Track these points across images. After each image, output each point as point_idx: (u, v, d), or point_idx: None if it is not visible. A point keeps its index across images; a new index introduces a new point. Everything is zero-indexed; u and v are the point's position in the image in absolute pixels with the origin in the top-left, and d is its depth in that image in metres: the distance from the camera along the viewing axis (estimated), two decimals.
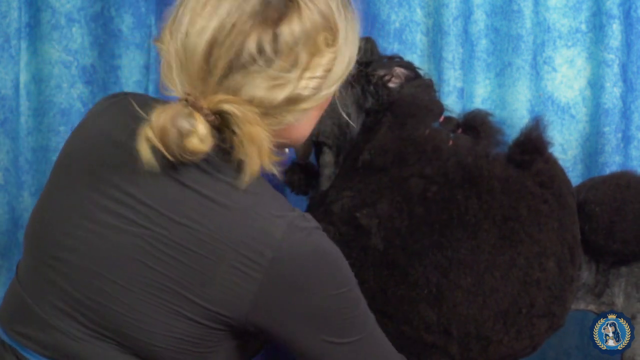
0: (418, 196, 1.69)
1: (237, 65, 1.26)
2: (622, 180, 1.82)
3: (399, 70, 1.79)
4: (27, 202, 2.11)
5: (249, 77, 1.27)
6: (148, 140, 1.25)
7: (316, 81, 1.30)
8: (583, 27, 2.18)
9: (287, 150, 1.49)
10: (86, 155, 1.35)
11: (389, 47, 2.18)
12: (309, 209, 1.81)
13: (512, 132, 1.93)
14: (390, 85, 1.78)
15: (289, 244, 1.29)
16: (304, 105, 1.32)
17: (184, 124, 1.23)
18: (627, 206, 1.78)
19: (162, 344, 1.31)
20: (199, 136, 1.24)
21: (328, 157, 1.79)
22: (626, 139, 2.17)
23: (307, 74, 1.29)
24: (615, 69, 2.14)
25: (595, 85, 2.17)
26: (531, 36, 2.16)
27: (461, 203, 1.69)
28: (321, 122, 1.77)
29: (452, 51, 2.13)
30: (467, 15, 2.17)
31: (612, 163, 2.14)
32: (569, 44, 2.19)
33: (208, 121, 1.25)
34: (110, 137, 1.34)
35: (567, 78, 2.19)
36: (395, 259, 1.67)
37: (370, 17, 2.20)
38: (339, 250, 1.36)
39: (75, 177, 1.35)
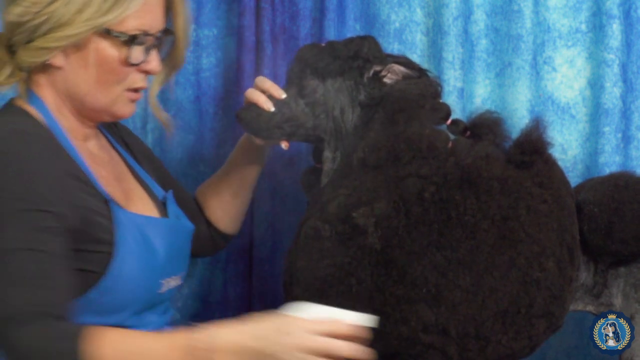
0: (415, 196, 1.69)
1: None
2: (621, 181, 1.82)
3: (396, 67, 1.79)
4: None
5: None
6: None
7: (21, 9, 1.51)
8: (583, 27, 2.18)
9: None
10: None
11: (388, 47, 2.17)
12: (308, 207, 1.81)
13: (512, 132, 1.93)
14: (386, 80, 1.78)
15: None
16: (37, 43, 1.52)
17: None
18: (626, 207, 1.78)
19: None
20: None
21: (326, 152, 1.80)
22: (626, 139, 2.17)
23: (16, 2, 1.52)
24: (615, 69, 2.14)
25: (595, 85, 2.17)
26: (531, 36, 2.16)
27: (459, 203, 1.69)
28: (316, 116, 1.78)
29: (452, 51, 2.13)
30: (467, 15, 2.16)
31: (612, 163, 2.14)
32: (569, 44, 2.18)
33: None
34: None
35: (567, 78, 2.19)
36: (393, 259, 1.67)
37: (370, 17, 2.20)
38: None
39: None
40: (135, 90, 1.64)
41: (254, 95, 1.81)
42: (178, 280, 1.70)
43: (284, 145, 1.83)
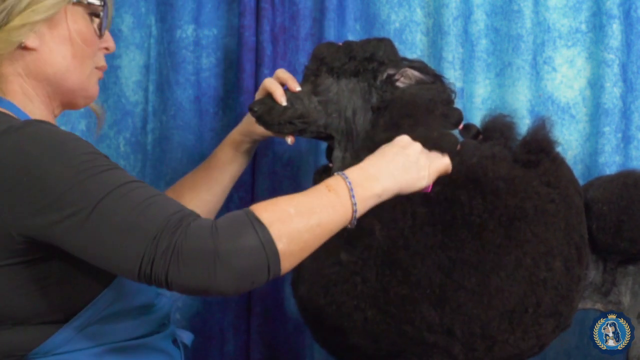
0: (421, 196, 1.68)
1: None
2: (630, 179, 1.82)
3: (410, 71, 1.77)
4: None
5: None
6: None
7: None
8: (583, 27, 2.18)
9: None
10: None
11: None
12: None
13: None
14: (398, 84, 1.76)
15: None
16: (15, 22, 1.43)
17: None
18: (635, 205, 1.78)
19: None
20: None
21: (336, 152, 1.79)
22: (626, 139, 2.17)
23: None
24: (615, 69, 2.14)
25: (595, 85, 2.17)
26: (531, 36, 2.16)
27: (465, 203, 1.69)
28: (329, 115, 1.77)
29: (452, 51, 2.13)
30: (467, 15, 2.17)
31: (612, 163, 2.14)
32: (569, 44, 2.19)
33: None
34: None
35: (567, 78, 2.19)
36: (398, 259, 1.67)
37: (370, 17, 2.20)
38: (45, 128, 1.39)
39: None
40: (99, 69, 1.59)
41: (272, 85, 1.78)
42: None
43: (290, 140, 1.81)
